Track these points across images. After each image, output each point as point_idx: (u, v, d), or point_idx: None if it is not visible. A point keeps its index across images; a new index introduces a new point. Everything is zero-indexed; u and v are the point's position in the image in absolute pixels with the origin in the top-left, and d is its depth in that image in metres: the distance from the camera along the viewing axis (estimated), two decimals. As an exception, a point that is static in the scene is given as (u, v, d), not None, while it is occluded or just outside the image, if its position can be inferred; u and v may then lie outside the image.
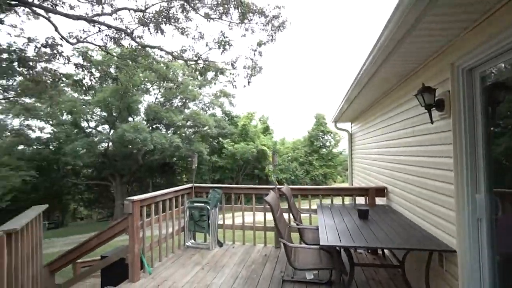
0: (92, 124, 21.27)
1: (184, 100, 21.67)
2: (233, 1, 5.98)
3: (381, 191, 4.09)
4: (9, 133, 17.82)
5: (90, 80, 6.63)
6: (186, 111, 22.17)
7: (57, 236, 16.74)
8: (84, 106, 18.84)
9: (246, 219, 4.63)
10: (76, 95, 18.37)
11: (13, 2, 3.95)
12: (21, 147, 18.94)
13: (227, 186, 4.80)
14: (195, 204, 4.46)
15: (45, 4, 4.96)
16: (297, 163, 26.37)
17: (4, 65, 5.18)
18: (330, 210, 3.70)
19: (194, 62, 6.95)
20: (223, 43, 6.45)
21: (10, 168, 12.61)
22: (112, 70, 7.53)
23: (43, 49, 5.42)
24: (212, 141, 23.40)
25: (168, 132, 20.54)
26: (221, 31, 6.57)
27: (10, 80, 6.42)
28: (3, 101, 8.73)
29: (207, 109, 23.63)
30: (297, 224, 3.56)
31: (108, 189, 25.13)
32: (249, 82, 7.33)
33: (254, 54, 7.14)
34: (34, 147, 19.63)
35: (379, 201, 4.17)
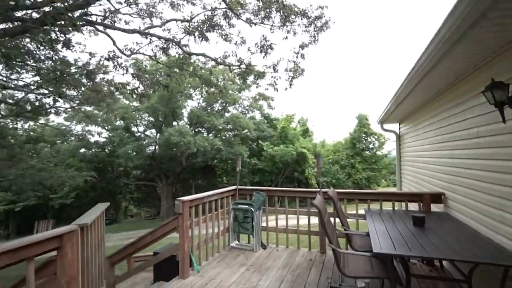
0: (141, 128, 22.94)
1: (224, 104, 22.32)
2: (275, 5, 6.02)
3: (437, 197, 3.77)
4: (73, 138, 20.03)
5: (144, 88, 7.17)
6: (227, 114, 22.80)
7: (112, 231, 18.26)
8: (134, 112, 20.39)
9: (289, 222, 4.60)
10: (127, 102, 19.95)
11: (82, 23, 4.48)
12: (82, 150, 21.13)
13: (270, 189, 4.82)
14: (239, 206, 4.54)
15: (106, 22, 5.54)
16: (338, 166, 25.49)
17: (73, 78, 5.86)
18: (379, 215, 3.51)
19: (236, 67, 7.13)
20: (265, 47, 6.52)
21: (75, 169, 14.16)
22: (161, 77, 8.07)
23: (105, 62, 6.08)
24: (251, 143, 23.69)
25: (210, 135, 21.29)
26: (263, 35, 6.66)
27: (75, 91, 7.20)
28: (69, 109, 9.80)
29: (246, 112, 24.02)
30: (345, 229, 3.43)
31: (155, 190, 26.80)
32: (290, 85, 7.30)
33: (297, 57, 7.08)
34: (93, 150, 21.75)
35: (434, 207, 3.84)
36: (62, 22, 4.02)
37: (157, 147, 20.24)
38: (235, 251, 4.46)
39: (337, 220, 3.64)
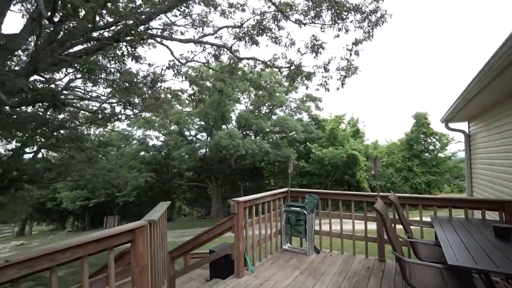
0: (193, 132, 24.33)
1: (271, 107, 22.50)
2: (326, 3, 5.87)
3: (524, 206, 3.26)
4: (135, 142, 22.13)
5: (199, 94, 7.63)
6: (273, 117, 22.95)
7: (167, 229, 19.67)
8: (186, 117, 21.72)
9: (344, 227, 4.42)
10: (180, 107, 21.34)
11: (147, 37, 5.00)
12: (142, 153, 23.21)
13: (323, 192, 4.69)
14: (292, 208, 4.50)
15: (165, 34, 6.08)
16: (393, 169, 23.75)
17: (138, 87, 6.52)
18: (449, 223, 3.16)
19: (286, 69, 7.13)
20: (315, 47, 6.40)
21: (136, 170, 15.61)
22: (210, 83, 8.50)
23: (166, 70, 6.66)
24: (299, 146, 23.43)
25: (258, 138, 21.63)
26: (313, 35, 6.53)
27: (138, 99, 7.94)
28: (132, 116, 10.83)
29: (293, 114, 23.86)
30: (409, 237, 3.17)
31: (206, 190, 28.10)
32: (342, 84, 7.01)
33: (350, 54, 6.77)
34: (151, 153, 23.72)
35: (520, 217, 3.33)
36: (131, 38, 4.52)
37: (207, 149, 21.25)
38: (287, 254, 4.43)
39: (398, 226, 3.39)
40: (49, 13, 3.92)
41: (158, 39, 6.13)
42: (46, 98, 3.08)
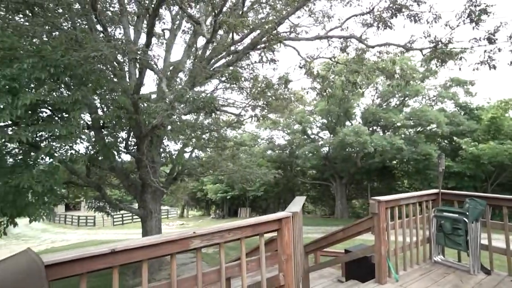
0: (315, 130, 24.42)
1: (403, 98, 19.69)
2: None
3: None
4: (263, 141, 24.28)
5: (330, 89, 7.53)
6: (406, 109, 20.04)
7: (293, 224, 20.47)
8: (308, 116, 21.95)
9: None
10: (302, 107, 21.79)
11: (282, 39, 5.41)
12: (269, 152, 25.17)
13: (496, 197, 3.69)
14: (445, 213, 3.76)
15: (292, 36, 6.38)
16: None
17: (273, 89, 7.10)
18: None
19: (431, 50, 5.98)
20: (474, 15, 5.05)
21: (265, 167, 17.07)
22: (340, 77, 8.22)
23: (296, 70, 6.99)
24: (441, 141, 19.48)
25: (387, 133, 19.43)
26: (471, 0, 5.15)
27: (267, 101, 8.62)
28: (261, 118, 11.87)
29: (433, 104, 20.03)
30: None
31: (329, 189, 27.63)
32: (519, 57, 5.23)
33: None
34: (276, 151, 25.37)
35: None
36: (269, 42, 5.00)
37: (330, 148, 20.80)
38: (440, 267, 3.73)
39: None
40: (209, 36, 4.86)
41: (286, 42, 6.47)
42: (207, 105, 3.82)
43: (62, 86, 6.31)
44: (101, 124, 7.43)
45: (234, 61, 6.34)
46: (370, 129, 20.37)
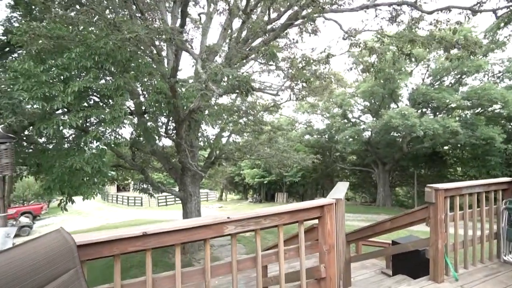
0: (355, 114, 23.09)
1: (459, 76, 17.50)
2: None
3: None
4: (300, 126, 23.66)
5: (379, 63, 6.80)
6: (462, 88, 17.86)
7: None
8: (349, 99, 20.70)
9: None
10: (342, 89, 20.60)
11: (324, 7, 4.94)
12: (306, 136, 24.51)
13: None
14: (520, 206, 3.19)
15: (334, 7, 5.79)
16: None
17: (309, 70, 6.68)
18: None
19: (506, 10, 4.97)
20: None
21: (303, 152, 16.67)
22: (390, 49, 7.40)
23: (340, 43, 6.37)
24: (506, 123, 17.12)
25: (439, 115, 17.59)
26: None
27: (305, 83, 8.19)
28: (299, 100, 11.41)
29: (498, 81, 17.52)
30: None
31: (370, 176, 26.33)
32: None
33: None
34: (315, 136, 24.62)
35: None
36: (310, 12, 4.59)
37: (373, 132, 19.54)
38: (509, 267, 3.21)
39: None
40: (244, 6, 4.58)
41: (327, 15, 5.91)
42: (242, 84, 3.64)
43: (107, 73, 6.60)
44: (143, 110, 7.72)
45: (272, 39, 6.01)
46: (419, 111, 18.67)
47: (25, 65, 5.03)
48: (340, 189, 3.00)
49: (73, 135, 6.47)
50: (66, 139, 6.39)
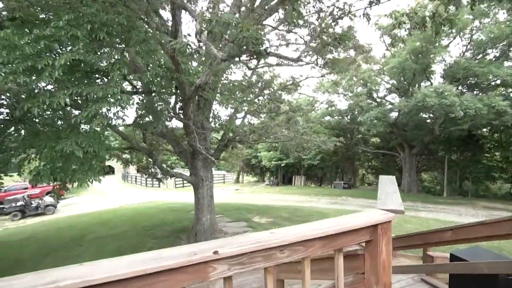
0: (381, 94, 21.30)
1: (507, 47, 15.28)
2: None
3: None
4: (321, 105, 22.23)
5: (418, 23, 5.60)
6: (507, 63, 15.70)
7: (350, 195, 18.94)
8: (375, 77, 18.94)
9: None
10: (368, 65, 18.85)
11: None
12: (327, 118, 23.10)
13: None
14: None
15: None
16: None
17: (333, 40, 5.56)
18: None
19: None
20: None
21: (324, 134, 15.54)
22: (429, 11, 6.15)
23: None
24: None
25: (478, 93, 15.66)
26: None
27: (331, 52, 7.05)
28: (320, 78, 10.22)
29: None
30: None
31: (394, 160, 24.80)
32: None
33: None
34: (336, 117, 23.16)
35: None
36: None
37: (401, 113, 17.90)
38: None
39: None
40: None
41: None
42: (251, 41, 2.77)
43: (104, 45, 5.82)
44: (149, 88, 6.97)
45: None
46: (456, 88, 16.81)
47: (2, 33, 4.32)
48: (392, 192, 2.06)
49: (62, 115, 5.81)
50: (57, 119, 5.77)
